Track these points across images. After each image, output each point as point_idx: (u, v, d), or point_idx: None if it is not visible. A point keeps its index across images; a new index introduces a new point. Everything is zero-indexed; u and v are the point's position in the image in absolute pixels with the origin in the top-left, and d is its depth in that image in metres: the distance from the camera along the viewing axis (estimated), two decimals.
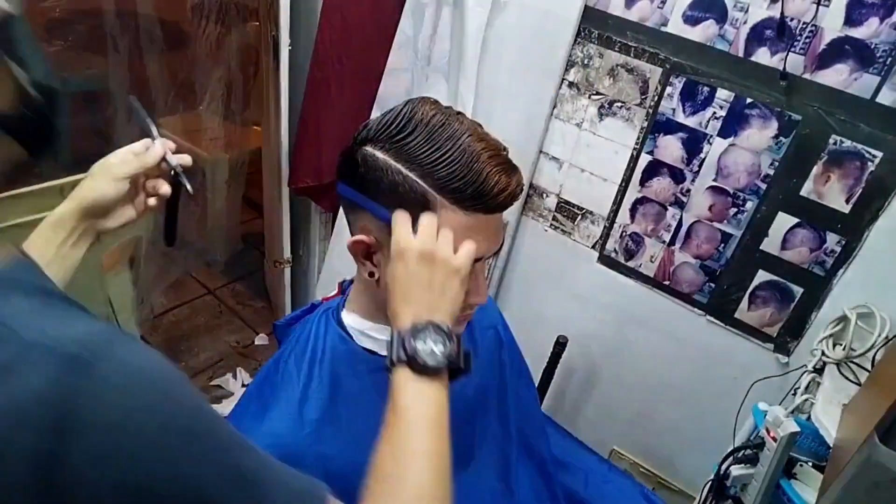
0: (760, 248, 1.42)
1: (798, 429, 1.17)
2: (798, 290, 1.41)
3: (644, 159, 1.52)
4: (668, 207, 1.52)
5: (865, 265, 1.31)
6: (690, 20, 1.36)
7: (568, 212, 1.68)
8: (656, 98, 1.45)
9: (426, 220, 0.66)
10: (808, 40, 1.24)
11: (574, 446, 1.16)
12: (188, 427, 0.46)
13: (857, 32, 1.20)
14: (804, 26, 1.24)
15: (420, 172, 0.67)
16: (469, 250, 0.67)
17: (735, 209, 1.43)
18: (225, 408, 2.07)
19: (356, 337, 0.82)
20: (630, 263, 1.63)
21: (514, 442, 1.00)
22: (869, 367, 1.26)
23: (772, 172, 1.36)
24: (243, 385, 2.18)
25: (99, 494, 0.41)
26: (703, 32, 1.35)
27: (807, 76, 1.27)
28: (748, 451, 1.26)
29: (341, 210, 1.42)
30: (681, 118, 1.43)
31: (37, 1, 2.60)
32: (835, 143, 1.27)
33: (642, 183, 1.54)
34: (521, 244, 1.81)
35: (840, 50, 1.22)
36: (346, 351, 0.81)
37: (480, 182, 0.66)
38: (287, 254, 2.18)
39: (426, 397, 0.62)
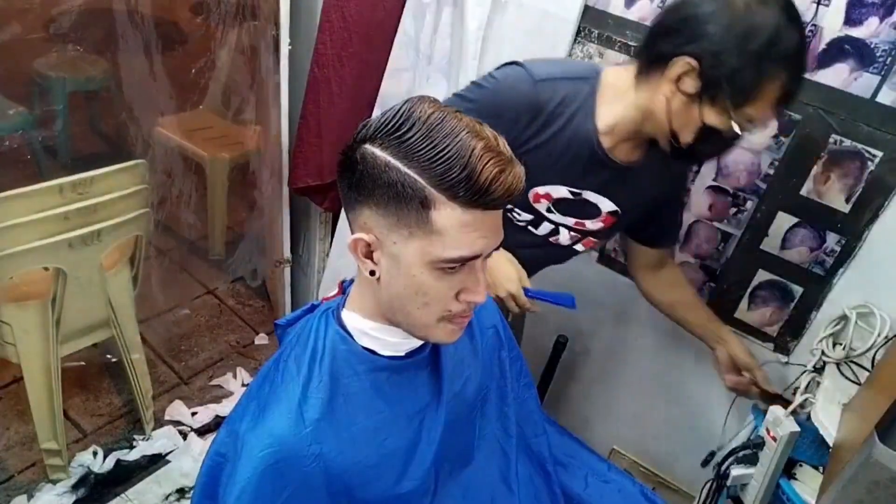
0: (760, 247, 1.42)
1: (798, 429, 1.17)
2: (798, 290, 1.41)
3: None
4: None
5: (865, 265, 1.31)
6: None
7: None
8: None
9: None
10: (807, 40, 1.24)
11: (574, 446, 1.16)
12: None
13: (857, 32, 1.20)
14: (804, 26, 1.24)
15: (418, 169, 0.67)
16: None
17: (735, 209, 1.43)
18: (225, 407, 2.07)
19: (357, 336, 0.82)
20: None
21: (514, 441, 1.00)
22: (869, 367, 1.26)
23: (772, 172, 1.36)
24: (243, 385, 2.18)
25: None
26: None
27: (806, 76, 1.26)
28: (748, 451, 1.26)
29: (342, 210, 1.42)
30: None
31: (36, 1, 2.60)
32: (835, 143, 1.27)
33: None
34: None
35: (840, 49, 1.22)
36: (346, 350, 0.81)
37: (476, 178, 0.66)
38: (287, 254, 2.18)
39: None
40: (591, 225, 1.25)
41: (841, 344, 1.30)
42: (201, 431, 1.98)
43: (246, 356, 2.30)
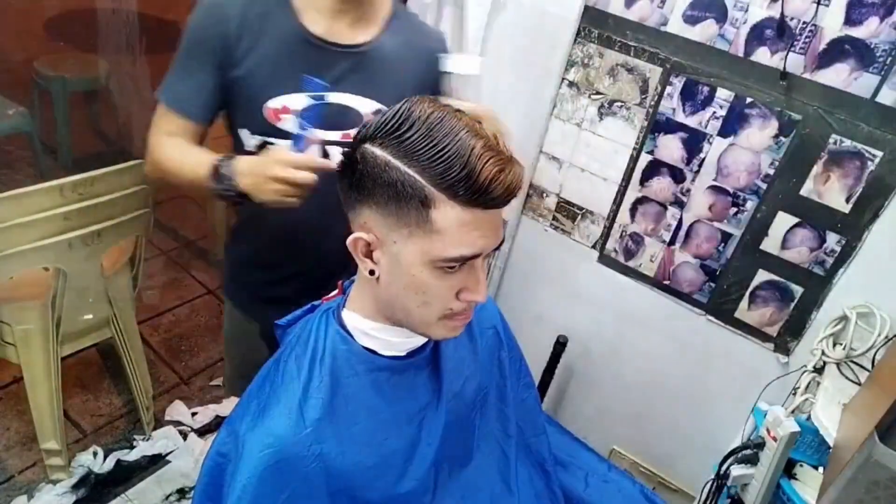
0: (760, 247, 1.42)
1: (798, 429, 1.17)
2: (798, 290, 1.41)
3: (644, 159, 1.52)
4: (668, 207, 1.52)
5: (865, 265, 1.31)
6: (690, 20, 1.36)
7: (568, 211, 1.68)
8: (656, 98, 1.45)
9: None
10: (808, 40, 1.24)
11: (574, 446, 1.16)
12: None
13: (857, 32, 1.20)
14: (804, 26, 1.24)
15: (418, 168, 0.67)
16: None
17: (735, 209, 1.43)
18: (225, 408, 2.07)
19: (357, 336, 0.82)
20: (630, 263, 1.63)
21: (513, 441, 1.00)
22: (869, 367, 1.26)
23: (772, 172, 1.36)
24: None
25: None
26: (703, 32, 1.35)
27: (807, 76, 1.27)
28: (748, 451, 1.26)
29: None
30: (681, 118, 1.44)
31: (38, 1, 2.60)
32: (835, 143, 1.27)
33: (642, 182, 1.54)
34: (521, 244, 1.81)
35: (840, 49, 1.22)
36: (346, 350, 0.81)
37: (476, 177, 0.66)
38: None
39: None
40: None
41: (841, 344, 1.30)
42: (201, 431, 1.98)
43: None
